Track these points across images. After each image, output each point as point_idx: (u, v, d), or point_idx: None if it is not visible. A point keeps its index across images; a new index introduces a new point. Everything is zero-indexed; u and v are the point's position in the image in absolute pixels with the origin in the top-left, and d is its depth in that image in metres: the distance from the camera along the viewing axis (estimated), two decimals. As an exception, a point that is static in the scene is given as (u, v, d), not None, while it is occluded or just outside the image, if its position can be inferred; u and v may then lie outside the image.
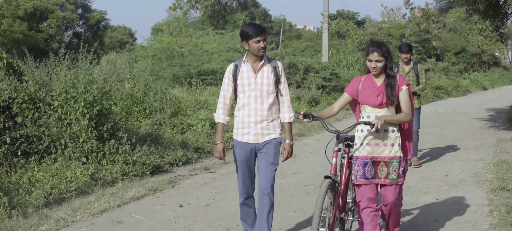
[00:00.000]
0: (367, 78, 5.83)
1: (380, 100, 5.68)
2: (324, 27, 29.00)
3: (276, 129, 5.91)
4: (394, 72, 5.74)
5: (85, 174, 8.82)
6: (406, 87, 5.72)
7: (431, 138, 14.29)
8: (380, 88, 5.71)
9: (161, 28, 59.23)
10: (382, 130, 5.66)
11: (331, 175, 5.54)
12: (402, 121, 5.70)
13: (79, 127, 9.56)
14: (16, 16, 41.14)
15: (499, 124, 17.29)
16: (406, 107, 5.70)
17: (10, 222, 6.87)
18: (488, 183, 8.85)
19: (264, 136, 5.85)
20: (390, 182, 5.70)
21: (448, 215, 7.25)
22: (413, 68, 10.64)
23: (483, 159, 11.09)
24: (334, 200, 5.60)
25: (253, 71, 5.85)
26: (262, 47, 5.72)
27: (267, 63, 5.88)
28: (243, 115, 5.88)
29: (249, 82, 5.84)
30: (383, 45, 5.69)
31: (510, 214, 6.89)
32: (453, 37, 44.30)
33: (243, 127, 5.89)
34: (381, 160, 5.70)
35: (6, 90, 9.48)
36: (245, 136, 5.89)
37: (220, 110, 5.97)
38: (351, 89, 5.90)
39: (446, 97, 29.91)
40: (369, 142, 5.72)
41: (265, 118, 5.83)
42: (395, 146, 5.69)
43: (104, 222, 7.11)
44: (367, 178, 5.71)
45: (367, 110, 5.78)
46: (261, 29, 5.71)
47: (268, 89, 5.82)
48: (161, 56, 28.33)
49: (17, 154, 9.02)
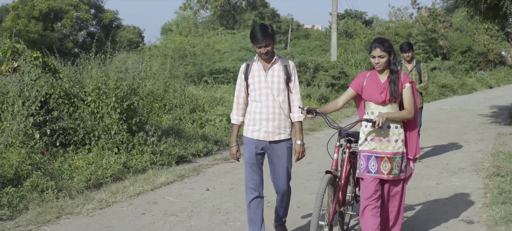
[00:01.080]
0: (372, 75, 5.93)
1: (384, 98, 5.77)
2: (333, 27, 29.81)
3: (287, 129, 6.00)
4: (398, 69, 5.82)
5: (118, 162, 9.71)
6: (409, 85, 5.80)
7: (435, 132, 15.15)
8: (384, 85, 5.80)
9: (171, 27, 59.90)
10: (385, 126, 5.76)
11: (332, 169, 5.74)
12: (404, 118, 5.78)
13: (111, 120, 10.45)
14: (31, 17, 42.07)
15: (501, 119, 18.10)
16: (408, 104, 5.77)
17: (59, 202, 7.77)
18: (485, 170, 9.73)
19: (274, 134, 5.94)
20: (393, 177, 5.81)
21: (447, 197, 8.13)
22: (416, 66, 10.87)
23: (483, 150, 11.94)
24: (334, 194, 5.82)
25: (264, 70, 5.95)
26: (264, 53, 5.82)
27: (278, 62, 5.98)
28: (255, 112, 5.98)
29: (260, 81, 5.94)
30: (385, 41, 5.78)
31: (501, 195, 7.77)
32: (459, 37, 44.83)
33: (254, 124, 5.99)
34: (385, 156, 5.79)
35: (44, 86, 10.36)
36: (255, 133, 5.98)
37: (234, 111, 6.14)
38: (356, 84, 6.00)
39: (451, 95, 30.59)
40: (373, 137, 5.83)
41: (276, 116, 5.92)
42: (399, 142, 5.80)
43: (141, 203, 8.01)
44: (370, 171, 5.81)
45: (371, 106, 5.88)
46: (262, 37, 5.74)
47: (278, 88, 5.92)
48: (173, 56, 29.14)
49: (56, 145, 9.92)
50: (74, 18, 43.09)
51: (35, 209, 7.43)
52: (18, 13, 42.44)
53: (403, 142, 5.82)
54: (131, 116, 10.93)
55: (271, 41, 5.80)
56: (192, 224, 6.99)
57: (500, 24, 16.17)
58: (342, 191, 6.00)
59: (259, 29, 5.77)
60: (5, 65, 11.15)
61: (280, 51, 28.06)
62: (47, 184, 8.15)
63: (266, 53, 5.82)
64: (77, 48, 44.17)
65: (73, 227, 6.89)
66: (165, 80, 16.10)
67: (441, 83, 31.53)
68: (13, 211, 7.36)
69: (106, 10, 46.90)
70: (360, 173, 5.88)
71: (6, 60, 11.22)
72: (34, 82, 10.32)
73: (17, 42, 11.72)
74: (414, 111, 5.77)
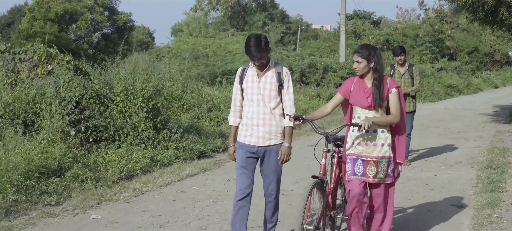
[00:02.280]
0: (359, 80, 6.03)
1: (370, 102, 5.87)
2: (342, 29, 30.75)
3: (278, 135, 6.05)
4: (382, 75, 5.93)
5: (146, 156, 10.71)
6: (395, 90, 5.90)
7: (437, 130, 16.10)
8: (370, 90, 5.91)
9: (181, 28, 60.72)
10: (372, 131, 5.87)
11: (319, 175, 5.81)
12: (390, 123, 5.87)
13: (138, 118, 11.45)
14: (47, 19, 43.16)
15: (501, 118, 19.01)
16: (395, 109, 5.85)
17: (97, 191, 8.78)
18: (479, 164, 10.70)
19: (264, 139, 6.00)
20: (379, 180, 5.91)
21: (442, 186, 9.11)
22: (408, 70, 11.04)
23: (480, 146, 12.88)
24: (322, 199, 5.87)
25: (257, 75, 6.00)
26: (257, 65, 5.91)
27: (272, 68, 6.01)
28: (247, 117, 6.08)
29: (252, 86, 6.01)
30: (365, 48, 5.88)
31: (490, 184, 8.76)
32: (466, 37, 45.45)
33: (246, 128, 6.08)
34: (371, 160, 5.88)
35: (76, 88, 11.37)
36: (247, 137, 6.06)
37: (232, 113, 6.24)
38: (344, 89, 6.09)
39: (457, 95, 31.41)
40: (359, 141, 5.92)
41: (267, 122, 5.99)
42: (385, 146, 5.89)
43: (170, 191, 9.02)
44: (356, 174, 5.91)
45: (358, 111, 5.98)
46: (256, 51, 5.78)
47: (270, 94, 5.97)
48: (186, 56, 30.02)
49: (89, 141, 10.94)
50: (88, 20, 44.17)
51: (78, 196, 8.45)
52: (34, 15, 43.51)
53: (390, 146, 5.91)
54: (156, 114, 11.92)
55: (264, 53, 5.84)
56: (218, 208, 7.99)
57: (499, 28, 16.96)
58: (332, 195, 6.15)
59: (253, 43, 5.80)
60: (40, 68, 12.15)
61: (291, 53, 28.93)
62: (86, 175, 9.20)
63: (260, 65, 5.90)
64: (92, 49, 45.34)
65: (114, 211, 7.90)
66: (183, 81, 17.12)
67: (447, 83, 32.26)
68: (59, 198, 8.37)
69: (120, 12, 47.95)
70: (347, 175, 5.98)
71: (41, 64, 12.24)
72: (68, 84, 11.32)
73: (51, 47, 12.75)
74: (401, 116, 5.88)
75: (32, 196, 8.18)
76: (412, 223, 7.18)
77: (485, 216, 7.19)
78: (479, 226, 6.81)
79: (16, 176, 8.25)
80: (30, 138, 9.94)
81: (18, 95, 10.86)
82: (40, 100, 10.86)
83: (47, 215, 7.60)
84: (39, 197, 8.22)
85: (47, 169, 9.05)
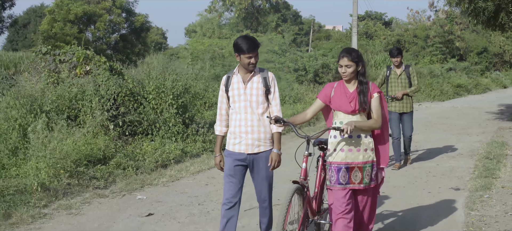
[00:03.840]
0: (339, 85, 5.95)
1: (353, 107, 5.79)
2: (354, 31, 31.77)
3: (267, 141, 5.99)
4: (366, 79, 5.87)
5: (178, 148, 11.90)
6: (377, 95, 5.85)
7: (443, 126, 17.21)
8: (352, 94, 5.83)
9: (195, 29, 61.85)
10: (355, 136, 5.78)
11: (300, 179, 5.70)
12: (372, 127, 5.83)
13: (169, 114, 12.64)
14: (67, 20, 44.52)
15: (505, 116, 20.05)
16: (376, 114, 5.82)
17: (138, 176, 9.99)
18: (478, 155, 11.82)
19: (254, 147, 5.94)
20: (364, 186, 5.84)
21: (443, 173, 10.25)
22: (405, 71, 11.09)
23: (481, 141, 13.99)
24: (302, 204, 5.80)
25: (243, 82, 5.94)
26: (253, 63, 5.82)
27: (257, 74, 5.94)
28: (235, 125, 6.00)
29: (239, 93, 5.93)
30: (353, 51, 5.81)
31: (485, 172, 9.92)
32: (475, 38, 46.18)
33: (234, 137, 6.01)
34: (355, 166, 5.80)
35: (113, 86, 12.56)
36: (236, 145, 5.99)
37: (218, 122, 6.18)
38: (324, 95, 6.01)
39: (466, 95, 32.41)
40: (342, 147, 5.83)
41: (255, 128, 5.93)
42: (369, 151, 5.84)
43: (202, 177, 10.23)
44: (341, 183, 5.82)
45: (340, 116, 5.89)
46: (254, 46, 5.78)
47: (257, 100, 5.90)
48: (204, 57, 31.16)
49: (126, 134, 12.15)
50: (107, 21, 45.53)
51: (122, 181, 9.67)
52: (54, 17, 44.85)
53: (373, 150, 5.87)
54: (185, 111, 13.12)
55: (257, 54, 5.86)
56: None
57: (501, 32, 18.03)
58: (316, 199, 6.11)
59: (248, 40, 5.81)
60: (79, 68, 13.40)
61: (304, 54, 30.01)
62: (127, 163, 10.43)
63: (254, 64, 5.84)
64: (110, 50, 46.66)
65: (156, 193, 9.10)
66: (204, 81, 18.33)
67: (456, 83, 33.22)
68: (105, 182, 9.60)
69: (137, 13, 49.27)
70: (331, 184, 5.89)
71: (80, 65, 13.48)
72: (105, 83, 12.52)
73: (87, 49, 13.98)
74: (383, 121, 5.90)
75: (83, 180, 9.43)
76: (414, 201, 8.34)
77: (478, 196, 8.33)
78: (471, 204, 7.94)
79: (68, 163, 9.48)
80: (75, 131, 11.13)
81: (61, 93, 12.06)
82: (81, 98, 12.05)
83: (98, 196, 8.83)
84: (89, 181, 9.48)
85: (93, 157, 10.28)
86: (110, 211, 8.08)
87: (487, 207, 7.81)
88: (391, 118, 10.77)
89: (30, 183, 8.62)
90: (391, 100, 10.93)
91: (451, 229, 6.95)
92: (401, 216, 7.60)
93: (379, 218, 7.39)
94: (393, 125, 10.92)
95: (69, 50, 13.89)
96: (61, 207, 8.15)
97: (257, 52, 5.82)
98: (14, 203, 7.98)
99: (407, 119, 11.05)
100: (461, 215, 7.53)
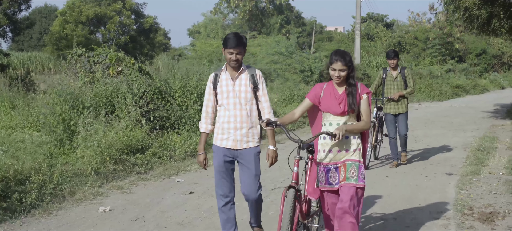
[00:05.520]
0: (329, 86, 5.95)
1: (342, 109, 5.79)
2: (357, 34, 33.19)
3: (255, 137, 6.13)
4: (355, 81, 5.88)
5: (203, 141, 13.33)
6: (366, 96, 5.87)
7: (441, 123, 18.68)
8: (341, 96, 5.83)
9: (198, 30, 62.95)
10: (344, 138, 5.76)
11: (292, 183, 5.67)
12: (362, 129, 5.85)
13: (193, 110, 14.08)
14: (78, 22, 45.99)
15: (499, 115, 21.49)
16: (366, 115, 5.84)
17: (172, 164, 11.45)
18: (471, 147, 13.29)
19: (242, 142, 6.08)
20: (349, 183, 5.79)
21: (439, 162, 11.73)
22: (400, 73, 11.28)
23: (474, 136, 15.43)
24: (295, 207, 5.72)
25: (231, 79, 6.05)
26: (234, 60, 5.92)
27: (245, 71, 6.07)
28: (223, 122, 6.11)
29: (228, 90, 6.04)
30: (346, 55, 5.79)
31: (476, 160, 11.41)
32: (474, 40, 47.10)
33: (222, 133, 6.14)
34: (341, 165, 5.86)
35: (143, 85, 14.00)
36: (223, 141, 6.14)
37: (203, 120, 6.30)
38: (313, 95, 6.01)
39: (464, 95, 33.68)
40: (331, 148, 5.88)
41: (244, 124, 6.04)
42: (356, 152, 5.86)
43: (228, 165, 11.68)
44: (331, 184, 5.90)
45: (329, 118, 5.90)
46: (238, 42, 5.87)
47: (246, 97, 6.03)
48: (212, 58, 32.45)
49: (155, 128, 13.60)
50: (117, 23, 47.03)
51: (159, 167, 11.13)
52: (65, 18, 46.30)
53: (360, 150, 5.90)
54: (207, 107, 14.54)
55: (243, 50, 5.95)
56: (269, 175, 10.59)
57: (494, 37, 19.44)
58: (306, 202, 6.13)
59: (233, 35, 5.93)
60: (112, 69, 14.85)
61: (309, 56, 31.31)
62: (162, 152, 11.88)
63: (236, 61, 5.94)
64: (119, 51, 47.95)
65: (191, 177, 10.57)
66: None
67: (455, 84, 34.54)
68: (145, 168, 11.04)
69: (146, 15, 50.75)
70: (321, 185, 5.98)
71: (112, 65, 14.93)
72: (135, 82, 13.96)
73: (118, 52, 15.44)
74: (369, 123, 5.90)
75: (126, 166, 10.87)
76: (413, 183, 9.84)
77: (467, 180, 9.80)
78: (461, 185, 9.41)
79: (113, 151, 10.92)
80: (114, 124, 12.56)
81: (98, 91, 13.50)
82: (116, 95, 13.48)
83: (142, 179, 10.29)
84: (131, 167, 10.92)
85: (132, 147, 11.71)
86: (156, 190, 9.54)
87: (474, 187, 9.26)
88: (387, 119, 11.47)
89: (84, 168, 10.07)
90: (387, 102, 11.32)
91: (443, 203, 8.39)
92: (402, 194, 9.06)
93: (382, 195, 8.87)
94: (389, 125, 11.44)
95: (102, 53, 15.33)
96: (113, 187, 9.61)
97: (240, 49, 5.93)
98: (75, 184, 9.43)
99: (402, 119, 11.37)
100: (452, 193, 9.00)
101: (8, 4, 33.91)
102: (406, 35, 47.58)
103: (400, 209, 8.16)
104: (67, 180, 9.49)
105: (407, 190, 9.33)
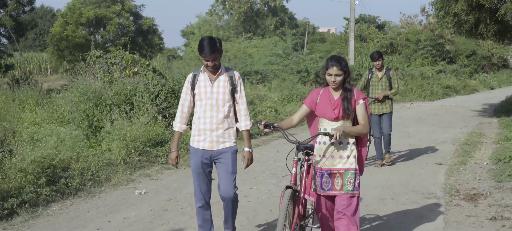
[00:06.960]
0: (325, 91, 5.98)
1: (337, 114, 5.83)
2: (351, 36, 34.34)
3: (231, 137, 6.19)
4: (351, 86, 5.89)
5: (214, 135, 14.54)
6: (362, 101, 5.88)
7: (432, 121, 19.96)
8: (337, 101, 5.87)
9: (193, 31, 63.62)
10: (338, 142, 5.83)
11: (291, 184, 5.75)
12: (360, 133, 5.84)
13: (205, 108, 15.24)
14: (79, 23, 46.94)
15: (487, 113, 22.80)
16: (363, 120, 5.85)
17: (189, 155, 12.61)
18: (459, 142, 14.58)
19: (219, 143, 6.12)
20: (345, 193, 5.83)
21: (429, 155, 13.02)
22: (386, 74, 11.50)
23: (463, 132, 16.72)
24: (293, 208, 5.83)
25: (210, 80, 6.08)
26: (210, 66, 5.98)
27: (224, 73, 6.09)
28: (200, 123, 6.15)
29: (206, 91, 6.08)
30: (342, 60, 5.80)
31: (463, 152, 12.74)
32: (465, 42, 47.79)
33: (199, 134, 6.17)
34: (337, 172, 5.87)
35: (157, 85, 15.18)
36: (200, 142, 6.16)
37: (178, 119, 6.32)
38: (310, 101, 6.05)
39: (454, 95, 34.76)
40: (326, 153, 5.91)
41: (220, 126, 6.09)
42: (351, 158, 5.86)
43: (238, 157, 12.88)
44: (324, 189, 5.94)
45: (324, 123, 5.95)
46: (210, 51, 5.88)
47: (223, 98, 6.05)
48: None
49: (170, 124, 14.78)
50: (117, 24, 48.01)
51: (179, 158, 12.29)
52: (66, 20, 47.22)
53: (355, 158, 5.90)
54: (217, 105, 15.73)
55: (218, 55, 5.95)
56: (278, 165, 11.84)
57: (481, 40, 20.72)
58: (302, 204, 6.10)
59: (207, 43, 5.89)
60: (128, 70, 16.04)
61: (305, 57, 32.33)
62: (180, 145, 13.06)
63: (212, 67, 5.98)
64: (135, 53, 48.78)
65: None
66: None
67: (445, 84, 35.64)
68: (166, 159, 12.22)
69: (144, 17, 51.75)
70: (317, 189, 6.04)
71: (128, 66, 16.12)
72: (151, 82, 15.14)
73: (134, 53, 16.64)
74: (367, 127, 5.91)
75: (150, 157, 12.08)
76: (406, 171, 11.13)
77: (455, 168, 11.10)
78: (450, 172, 10.72)
79: (138, 144, 12.13)
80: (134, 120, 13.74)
81: (117, 90, 14.68)
82: (133, 94, 14.66)
83: (166, 169, 11.53)
84: (154, 158, 12.13)
85: (153, 141, 12.91)
86: (181, 177, 10.77)
87: (461, 175, 10.55)
88: (371, 120, 11.55)
89: (114, 158, 11.27)
90: (373, 102, 11.52)
91: (434, 187, 9.67)
92: (397, 180, 10.35)
93: (380, 181, 10.14)
94: (374, 126, 11.66)
95: (118, 54, 16.52)
96: (142, 175, 10.85)
97: (215, 56, 5.95)
98: (109, 172, 10.63)
99: (386, 119, 11.57)
100: (442, 179, 10.30)
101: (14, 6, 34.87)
102: (398, 36, 48.46)
103: (397, 191, 9.44)
104: (101, 168, 10.67)
105: (403, 176, 10.62)
